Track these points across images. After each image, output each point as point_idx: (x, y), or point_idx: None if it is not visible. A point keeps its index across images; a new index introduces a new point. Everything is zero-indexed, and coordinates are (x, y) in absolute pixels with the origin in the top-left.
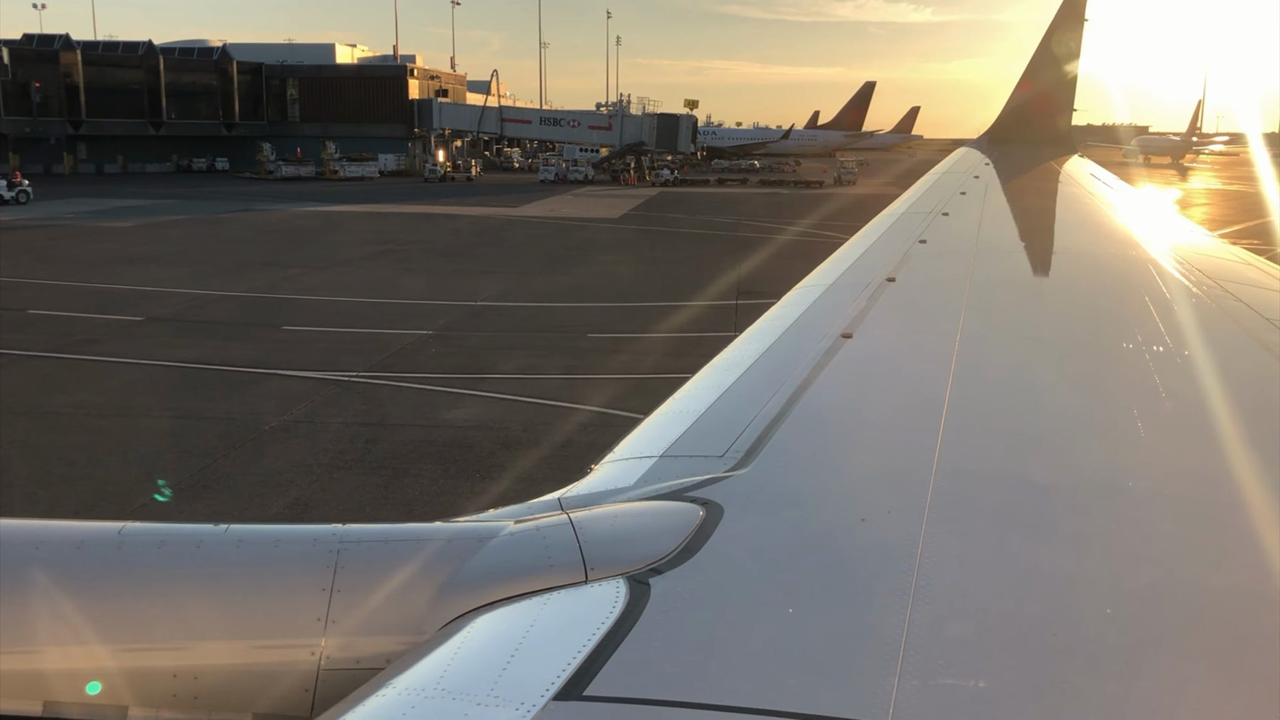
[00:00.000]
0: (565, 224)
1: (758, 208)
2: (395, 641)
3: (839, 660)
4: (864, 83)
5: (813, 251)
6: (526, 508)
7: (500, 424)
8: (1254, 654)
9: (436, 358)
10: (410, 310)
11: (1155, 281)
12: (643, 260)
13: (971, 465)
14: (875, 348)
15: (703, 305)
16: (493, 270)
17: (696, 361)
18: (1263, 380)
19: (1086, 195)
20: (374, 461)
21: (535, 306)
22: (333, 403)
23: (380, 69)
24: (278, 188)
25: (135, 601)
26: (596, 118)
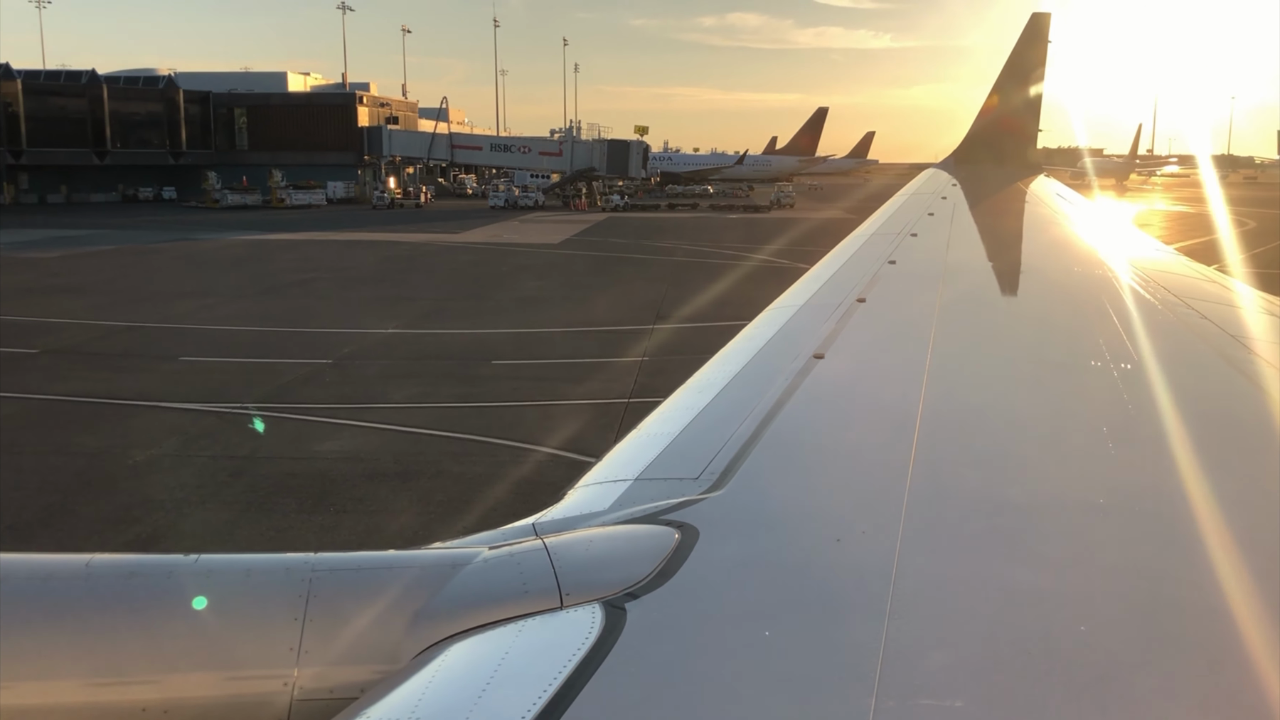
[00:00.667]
0: (503, 250)
1: (701, 232)
2: (369, 671)
3: (816, 682)
4: (817, 108)
5: (744, 274)
6: (501, 533)
7: (372, 455)
8: (1232, 670)
9: (328, 387)
10: (316, 339)
11: (1122, 299)
12: (572, 285)
13: (945, 484)
14: (847, 368)
15: (618, 330)
16: (413, 298)
17: (596, 387)
18: (1229, 394)
19: (1053, 215)
20: (230, 496)
21: (446, 334)
22: (207, 435)
23: (329, 96)
24: (221, 217)
25: (104, 635)
26: (547, 144)
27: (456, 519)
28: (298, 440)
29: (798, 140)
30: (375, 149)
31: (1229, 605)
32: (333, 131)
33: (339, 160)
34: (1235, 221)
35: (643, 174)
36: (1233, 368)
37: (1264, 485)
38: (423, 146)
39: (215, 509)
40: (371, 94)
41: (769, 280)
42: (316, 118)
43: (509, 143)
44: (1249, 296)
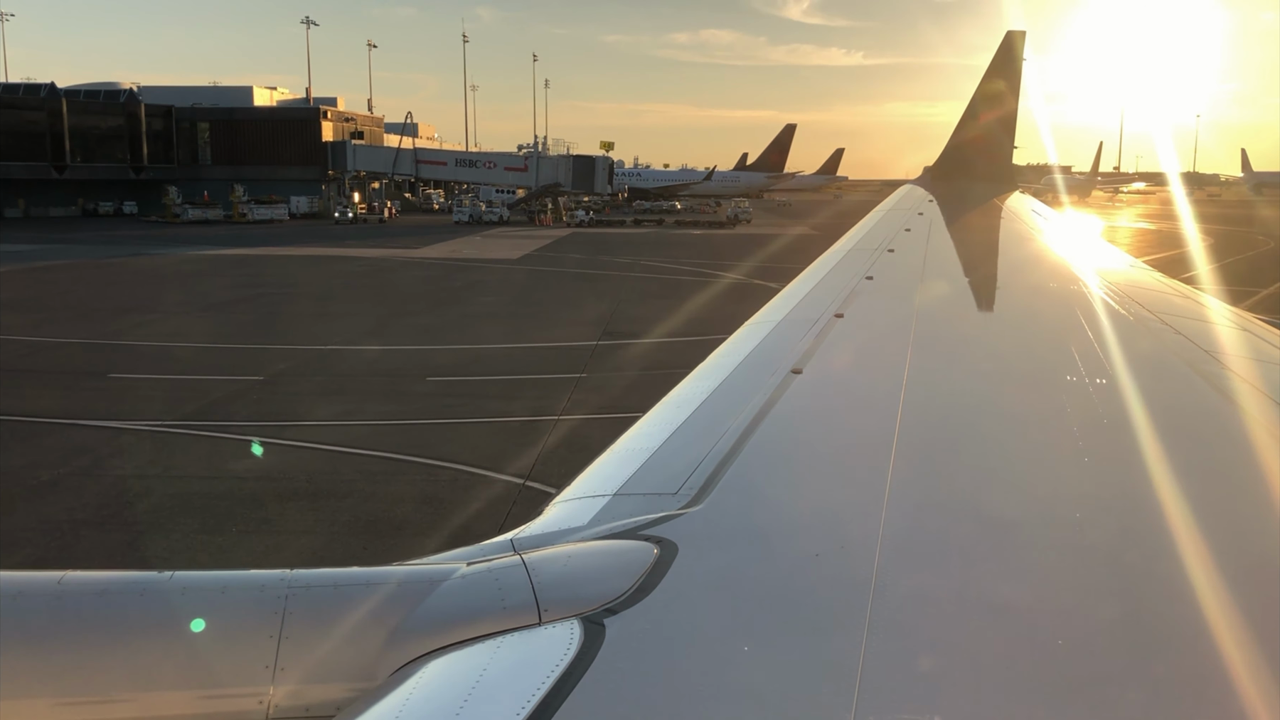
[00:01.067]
0: (459, 265)
1: (661, 248)
2: (346, 689)
3: (795, 697)
4: (785, 125)
5: (696, 291)
6: (479, 549)
7: (285, 474)
8: (1211, 679)
9: (254, 404)
10: (251, 355)
11: (1097, 314)
12: (523, 301)
13: (923, 499)
14: (825, 383)
15: (561, 346)
16: (358, 314)
17: (527, 404)
18: (1202, 407)
19: (1028, 230)
20: (131, 517)
21: (386, 350)
22: (120, 454)
23: (293, 111)
24: (181, 231)
25: (76, 653)
26: (513, 159)
27: (359, 539)
28: (213, 459)
29: (766, 156)
30: (339, 164)
31: (1208, 615)
32: (297, 146)
33: (303, 175)
34: (1180, 239)
35: (608, 189)
36: (1205, 380)
37: (1237, 495)
38: (387, 161)
39: (113, 530)
40: (336, 109)
41: (719, 294)
42: (280, 132)
43: (474, 158)
44: (1219, 310)
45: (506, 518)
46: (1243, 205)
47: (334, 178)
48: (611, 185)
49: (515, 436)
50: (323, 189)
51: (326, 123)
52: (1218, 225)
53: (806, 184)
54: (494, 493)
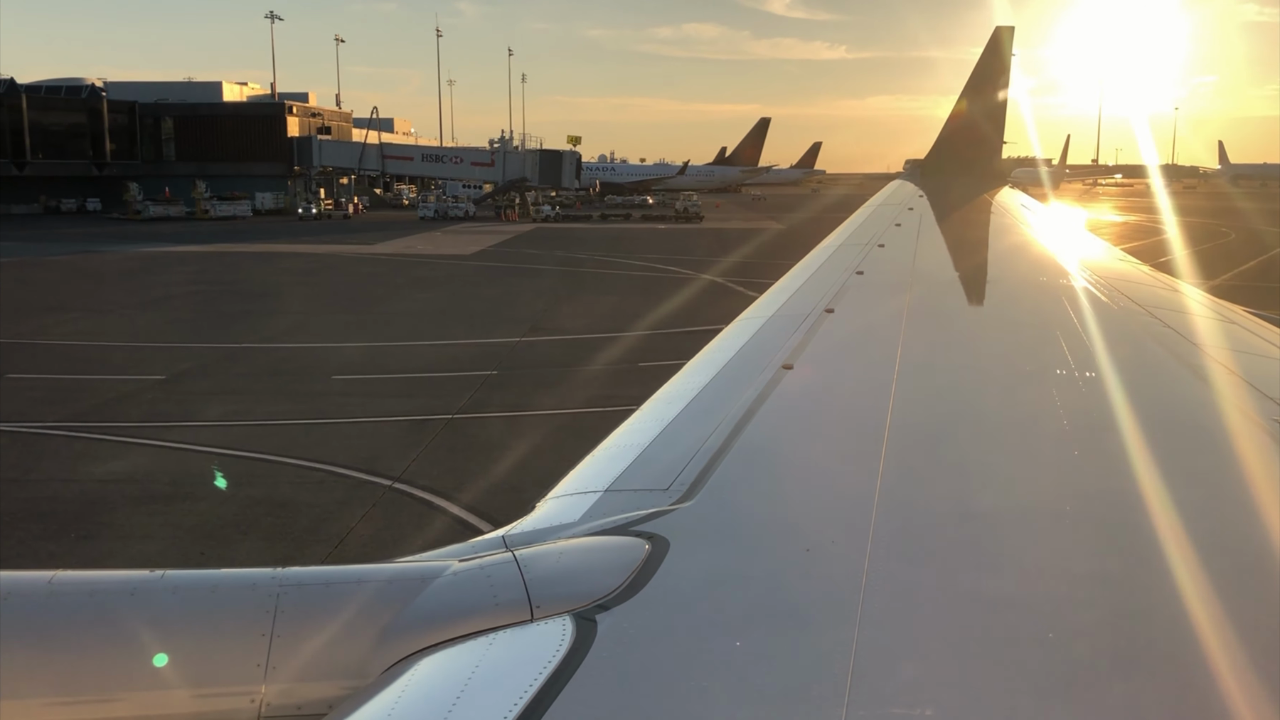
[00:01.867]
0: (409, 261)
1: (620, 244)
2: (338, 687)
3: (787, 692)
4: (760, 119)
5: (639, 284)
6: (470, 546)
7: (151, 477)
8: (1201, 673)
9: (145, 405)
10: (161, 354)
11: (1086, 308)
12: (461, 297)
13: (913, 493)
14: (816, 378)
15: (482, 343)
16: (287, 311)
17: (423, 402)
18: (1190, 399)
19: (1018, 225)
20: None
21: (301, 347)
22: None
23: (258, 106)
24: (139, 229)
25: (67, 653)
26: (480, 154)
27: (200, 545)
28: (80, 461)
29: (741, 151)
30: (305, 160)
31: (1197, 609)
32: (262, 142)
33: (268, 171)
34: (1144, 231)
35: (576, 184)
36: (1192, 372)
37: (1226, 487)
38: (353, 157)
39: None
40: (302, 104)
41: (662, 289)
42: (245, 128)
43: (441, 153)
44: (1208, 304)
45: (360, 520)
46: (1216, 197)
47: (300, 174)
48: (579, 180)
49: (401, 436)
50: (289, 185)
51: (292, 118)
52: (1184, 217)
53: (783, 178)
54: (355, 495)
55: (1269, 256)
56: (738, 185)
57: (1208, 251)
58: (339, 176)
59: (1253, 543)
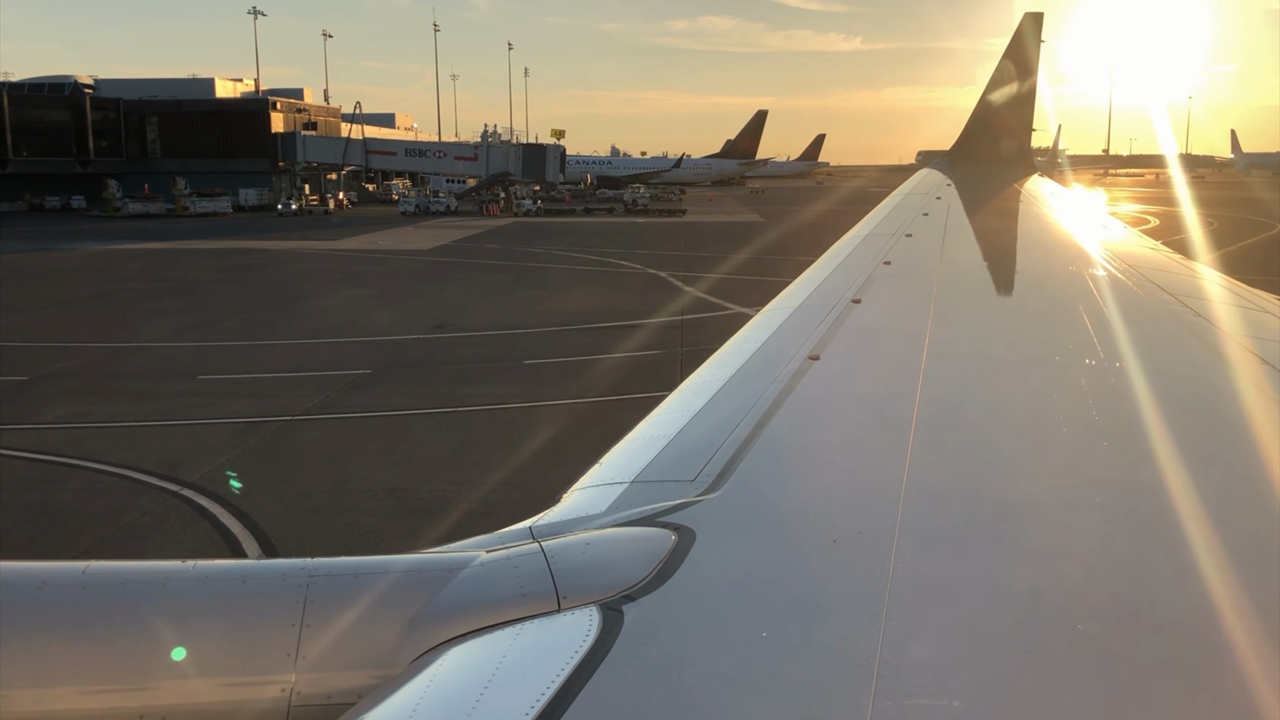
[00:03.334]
0: (362, 258)
1: (590, 238)
2: (367, 676)
3: (813, 684)
4: (757, 111)
5: (582, 281)
6: (497, 537)
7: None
8: (1228, 667)
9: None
10: (40, 354)
11: (1117, 299)
12: (390, 294)
13: (941, 485)
14: (842, 369)
15: (374, 340)
16: (201, 309)
17: (276, 404)
18: (1224, 393)
19: (1047, 214)
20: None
21: (187, 346)
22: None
23: (242, 102)
24: (115, 226)
25: (100, 642)
26: (463, 148)
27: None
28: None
29: (739, 143)
30: (290, 155)
31: (1225, 603)
32: (246, 138)
33: (252, 167)
34: (1138, 219)
35: (560, 178)
36: (1225, 364)
37: (1259, 483)
38: (337, 152)
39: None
40: (287, 99)
41: (600, 284)
42: (229, 124)
43: (424, 147)
44: (1241, 293)
45: (119, 530)
46: (1223, 187)
47: (285, 169)
48: (564, 174)
49: (227, 439)
50: (273, 181)
51: (276, 114)
52: (1175, 207)
53: (786, 170)
54: (134, 501)
55: (1237, 246)
56: (740, 178)
57: (1179, 243)
58: (326, 172)
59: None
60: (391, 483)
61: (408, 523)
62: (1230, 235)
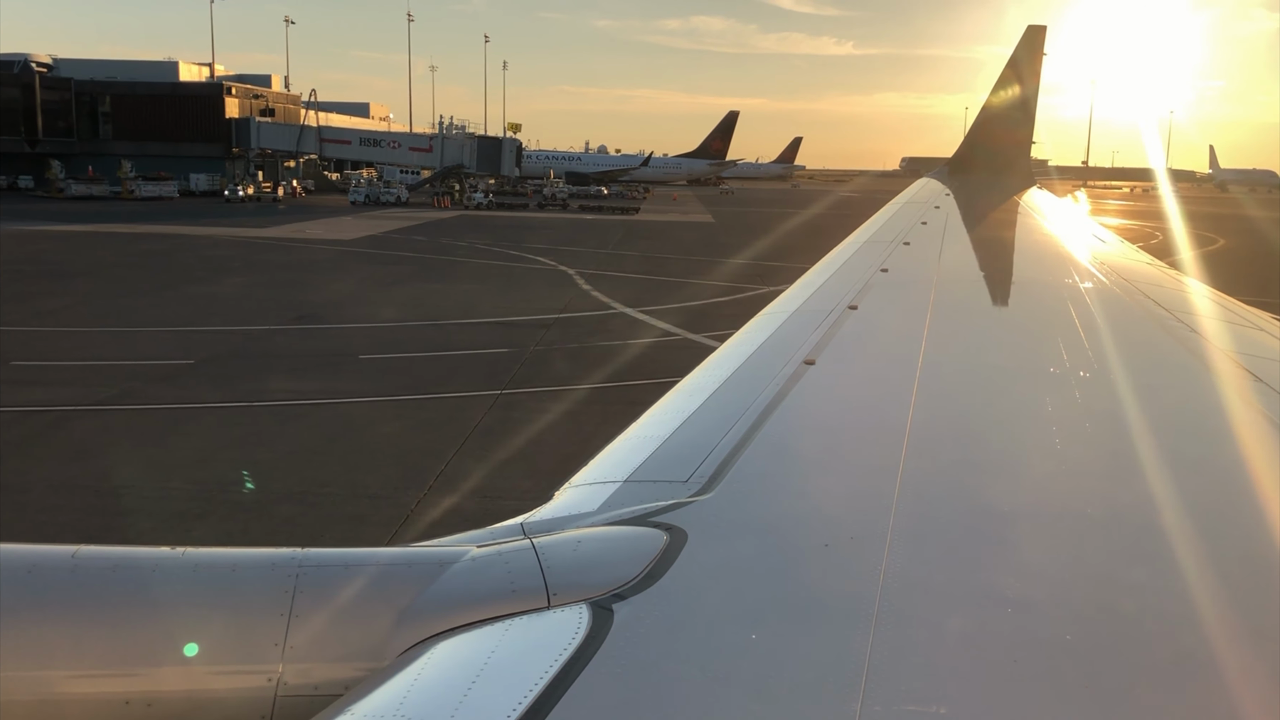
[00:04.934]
0: (280, 246)
1: (522, 232)
2: (354, 668)
3: (802, 687)
4: (728, 112)
5: (482, 275)
6: (489, 532)
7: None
8: (1219, 678)
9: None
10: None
11: (1111, 312)
12: (272, 282)
13: (934, 491)
14: (838, 374)
15: (217, 330)
16: (72, 293)
17: (73, 393)
18: (1220, 407)
19: (1045, 226)
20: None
21: (24, 331)
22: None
23: (196, 86)
24: (51, 207)
25: (88, 626)
26: (418, 139)
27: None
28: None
29: (709, 143)
30: (244, 141)
31: (1217, 614)
32: (200, 122)
33: (206, 152)
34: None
35: (515, 172)
36: (1219, 379)
37: (1253, 495)
38: (291, 139)
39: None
40: (243, 85)
41: (502, 280)
42: (183, 108)
43: (379, 137)
44: (1236, 309)
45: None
46: (1194, 202)
47: (239, 155)
48: (520, 168)
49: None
50: (227, 167)
51: (231, 99)
52: (1133, 220)
53: (762, 172)
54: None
55: (1168, 260)
56: (716, 178)
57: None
58: (283, 159)
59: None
60: (119, 482)
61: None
62: (1166, 248)
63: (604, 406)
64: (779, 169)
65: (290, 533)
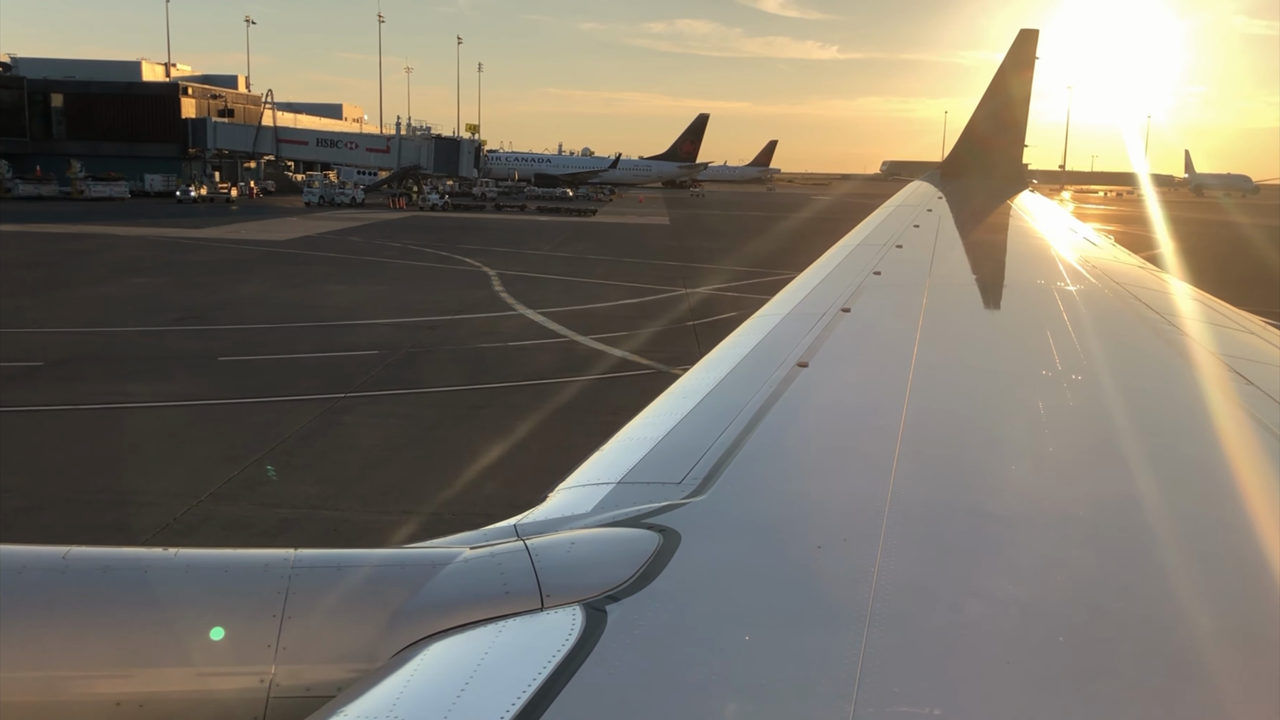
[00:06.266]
0: (203, 246)
1: (463, 234)
2: (347, 669)
3: (795, 689)
4: (698, 114)
5: (403, 277)
6: (482, 534)
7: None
8: (1212, 678)
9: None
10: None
11: (1103, 314)
12: (179, 284)
13: (926, 493)
14: (831, 376)
15: (90, 332)
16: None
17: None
18: (1210, 408)
19: (1037, 229)
20: None
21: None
22: None
23: (151, 86)
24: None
25: (79, 628)
26: (375, 140)
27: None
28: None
29: (678, 146)
30: (200, 141)
31: (1210, 614)
32: (156, 122)
33: (162, 152)
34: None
35: (474, 173)
36: (1212, 381)
37: (1243, 496)
38: (248, 140)
39: None
40: (201, 85)
41: (416, 281)
42: (138, 107)
43: (336, 138)
44: (1228, 313)
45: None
46: (1167, 206)
47: (195, 156)
48: (479, 168)
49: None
50: (183, 167)
51: (188, 99)
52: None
53: (738, 175)
54: None
55: None
56: (692, 180)
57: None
58: (243, 160)
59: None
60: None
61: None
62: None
63: (439, 411)
64: (754, 172)
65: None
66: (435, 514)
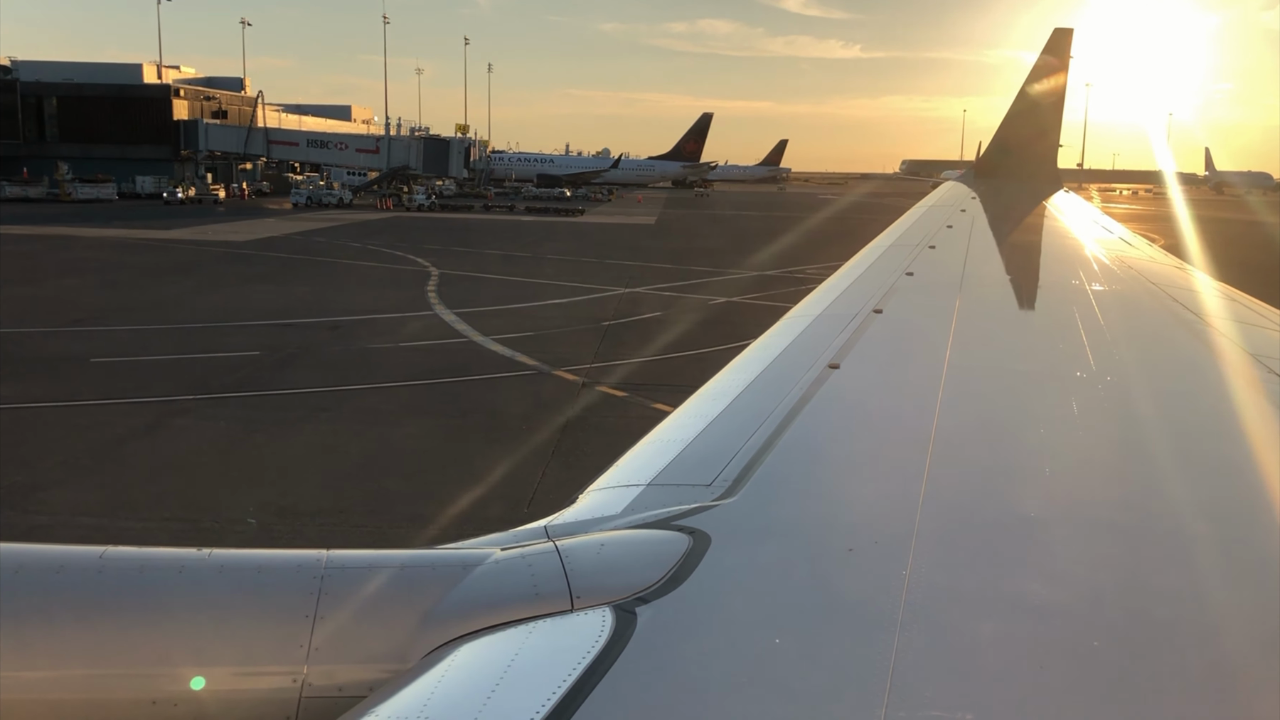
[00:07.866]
0: (161, 247)
1: (433, 234)
2: (378, 670)
3: (825, 692)
4: (702, 114)
5: (342, 277)
6: (513, 535)
7: None
8: (1243, 684)
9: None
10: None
11: (1139, 316)
12: (105, 285)
13: (958, 497)
14: (862, 378)
15: (29, 333)
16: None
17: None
18: (1248, 413)
19: (1072, 229)
20: None
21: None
22: None
23: (143, 88)
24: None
25: (115, 627)
26: (364, 140)
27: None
28: None
29: (682, 145)
30: (192, 143)
31: (1249, 622)
32: (148, 124)
33: (154, 154)
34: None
35: (464, 173)
36: (1253, 387)
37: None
38: (239, 141)
39: None
40: (194, 86)
41: (355, 282)
42: (130, 109)
43: (326, 138)
44: (1268, 314)
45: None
46: (1176, 204)
47: (187, 158)
48: (469, 169)
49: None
50: (175, 169)
51: (180, 101)
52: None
53: (747, 175)
54: None
55: None
56: (702, 180)
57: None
58: (235, 161)
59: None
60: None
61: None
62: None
63: (278, 413)
64: (764, 171)
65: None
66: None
